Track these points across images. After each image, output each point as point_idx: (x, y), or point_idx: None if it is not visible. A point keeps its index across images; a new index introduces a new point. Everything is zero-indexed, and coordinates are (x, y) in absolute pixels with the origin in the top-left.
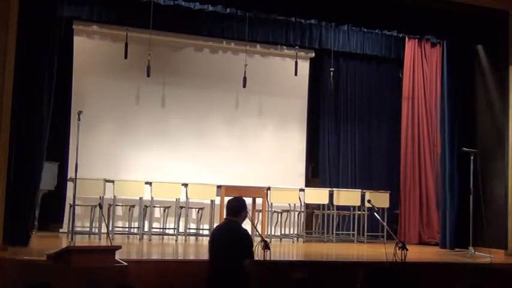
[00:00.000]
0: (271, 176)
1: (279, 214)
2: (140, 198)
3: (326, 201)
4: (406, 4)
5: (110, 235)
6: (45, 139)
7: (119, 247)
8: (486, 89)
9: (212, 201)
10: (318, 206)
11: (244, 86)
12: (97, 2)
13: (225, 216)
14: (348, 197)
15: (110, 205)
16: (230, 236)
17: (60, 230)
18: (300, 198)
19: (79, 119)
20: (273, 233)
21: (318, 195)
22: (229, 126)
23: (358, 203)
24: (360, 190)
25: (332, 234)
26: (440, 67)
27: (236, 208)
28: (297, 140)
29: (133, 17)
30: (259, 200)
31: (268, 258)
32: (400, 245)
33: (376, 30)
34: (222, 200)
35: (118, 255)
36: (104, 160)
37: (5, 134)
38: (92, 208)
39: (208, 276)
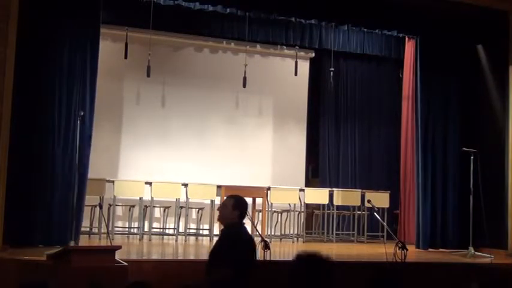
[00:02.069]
0: (271, 176)
1: (279, 214)
2: (140, 198)
3: (326, 201)
4: (405, 4)
5: (110, 235)
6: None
7: (119, 247)
8: (486, 89)
9: (212, 201)
10: (318, 206)
11: (244, 86)
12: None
13: (239, 218)
14: (348, 197)
15: (110, 205)
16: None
17: None
18: (300, 198)
19: (79, 120)
20: (273, 233)
21: (318, 195)
22: (229, 126)
23: (358, 203)
24: (360, 190)
25: (332, 234)
26: None
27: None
28: (297, 140)
29: (133, 17)
30: (259, 200)
31: (268, 258)
32: (400, 245)
33: (376, 30)
34: (221, 200)
35: (118, 255)
36: (104, 160)
37: (5, 134)
38: (92, 208)
39: None
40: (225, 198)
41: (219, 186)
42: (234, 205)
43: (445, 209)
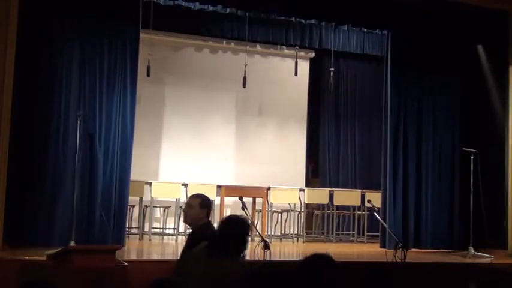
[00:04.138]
0: (271, 176)
1: (279, 214)
2: (140, 198)
3: (326, 201)
4: (406, 4)
5: None
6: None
7: (119, 247)
8: (486, 89)
9: (212, 201)
10: (318, 206)
11: (244, 86)
12: None
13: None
14: (348, 197)
15: None
16: None
17: None
18: (300, 198)
19: (79, 121)
20: (273, 233)
21: (318, 195)
22: (229, 126)
23: (358, 203)
24: (360, 190)
25: (332, 234)
26: None
27: None
28: (297, 140)
29: None
30: (259, 200)
31: (268, 258)
32: (400, 245)
33: (376, 30)
34: (222, 200)
35: (118, 255)
36: None
37: (4, 134)
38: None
39: None
40: (188, 198)
41: (219, 186)
42: (201, 204)
43: (419, 208)
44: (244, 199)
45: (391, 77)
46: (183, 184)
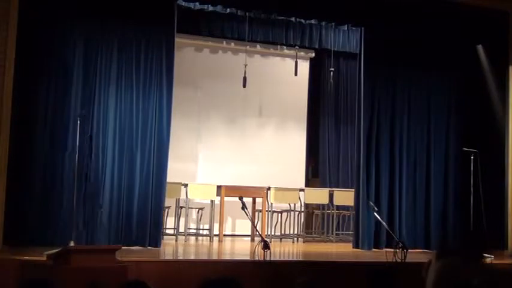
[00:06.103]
0: (271, 176)
1: (279, 214)
2: None
3: (326, 201)
4: (406, 4)
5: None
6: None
7: (119, 247)
8: (486, 89)
9: (212, 201)
10: (318, 206)
11: (244, 86)
12: None
13: None
14: (348, 197)
15: None
16: None
17: None
18: (300, 198)
19: (79, 120)
20: (273, 233)
21: (318, 195)
22: (229, 126)
23: None
24: None
25: (332, 234)
26: None
27: None
28: (297, 140)
29: None
30: (259, 200)
31: (268, 258)
32: (400, 245)
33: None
34: (222, 200)
35: (118, 255)
36: None
37: (4, 134)
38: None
39: None
40: None
41: (219, 186)
42: None
43: (393, 209)
44: (244, 199)
45: (365, 75)
46: (183, 184)
